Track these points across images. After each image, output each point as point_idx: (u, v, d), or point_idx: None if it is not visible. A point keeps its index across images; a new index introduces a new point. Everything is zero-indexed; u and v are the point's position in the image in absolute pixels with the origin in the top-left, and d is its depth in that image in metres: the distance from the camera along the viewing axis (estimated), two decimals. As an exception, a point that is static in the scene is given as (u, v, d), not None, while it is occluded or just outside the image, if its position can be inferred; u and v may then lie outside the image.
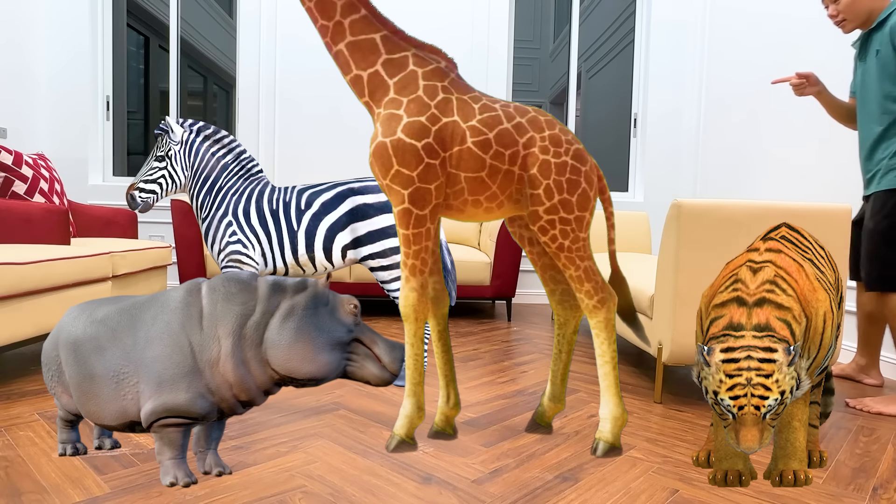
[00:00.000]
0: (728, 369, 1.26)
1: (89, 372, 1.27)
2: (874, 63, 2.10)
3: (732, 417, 1.25)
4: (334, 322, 1.28)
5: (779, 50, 3.45)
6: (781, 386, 1.23)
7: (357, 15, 1.46)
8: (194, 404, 1.21)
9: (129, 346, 1.25)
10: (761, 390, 1.23)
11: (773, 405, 1.23)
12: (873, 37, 2.12)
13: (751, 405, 1.23)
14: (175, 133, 2.27)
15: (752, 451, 1.24)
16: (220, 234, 2.19)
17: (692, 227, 1.92)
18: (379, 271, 2.16)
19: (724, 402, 1.25)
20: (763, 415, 1.23)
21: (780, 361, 1.24)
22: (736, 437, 1.25)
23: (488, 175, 1.49)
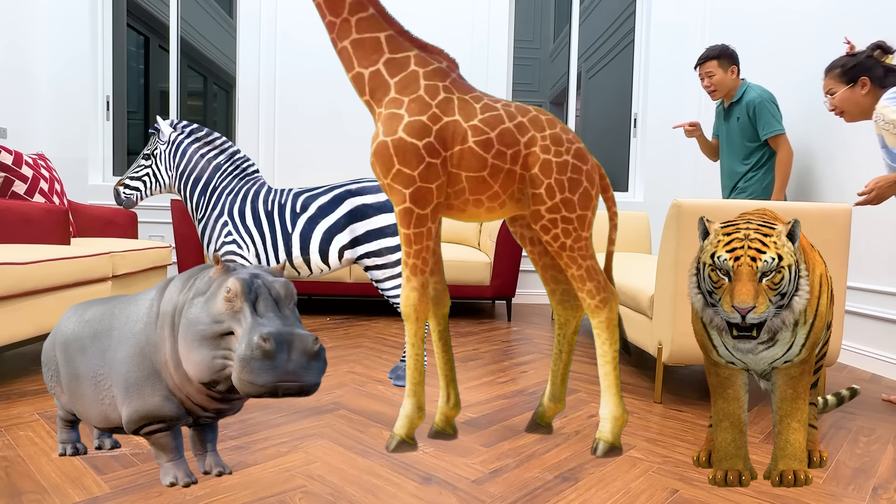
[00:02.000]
0: (727, 230, 1.30)
1: (75, 372, 1.27)
2: (736, 125, 3.00)
3: (728, 279, 1.26)
4: (202, 313, 1.11)
5: (778, 50, 3.45)
6: (779, 249, 1.25)
7: (365, 13, 1.46)
8: (163, 408, 1.18)
9: (106, 347, 1.23)
10: (758, 244, 1.25)
11: (769, 262, 1.23)
12: (734, 107, 3.01)
13: (747, 257, 1.24)
14: (164, 133, 2.28)
15: (745, 306, 1.22)
16: (215, 234, 2.19)
17: (692, 227, 1.91)
18: (374, 270, 2.16)
19: (721, 259, 1.26)
20: (759, 274, 1.24)
21: (780, 230, 1.27)
22: (731, 295, 1.24)
23: (490, 174, 1.49)
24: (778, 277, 1.25)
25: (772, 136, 2.90)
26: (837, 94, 2.19)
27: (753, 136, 2.96)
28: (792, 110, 3.28)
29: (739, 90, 2.98)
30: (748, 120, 2.94)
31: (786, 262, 1.25)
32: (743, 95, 2.96)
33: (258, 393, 1.03)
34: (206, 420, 1.27)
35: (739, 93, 2.98)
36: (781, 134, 2.89)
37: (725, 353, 1.39)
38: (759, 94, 2.93)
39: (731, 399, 1.42)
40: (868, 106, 2.15)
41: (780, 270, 1.24)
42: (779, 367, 1.39)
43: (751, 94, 2.94)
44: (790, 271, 1.26)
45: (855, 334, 2.76)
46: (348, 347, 2.83)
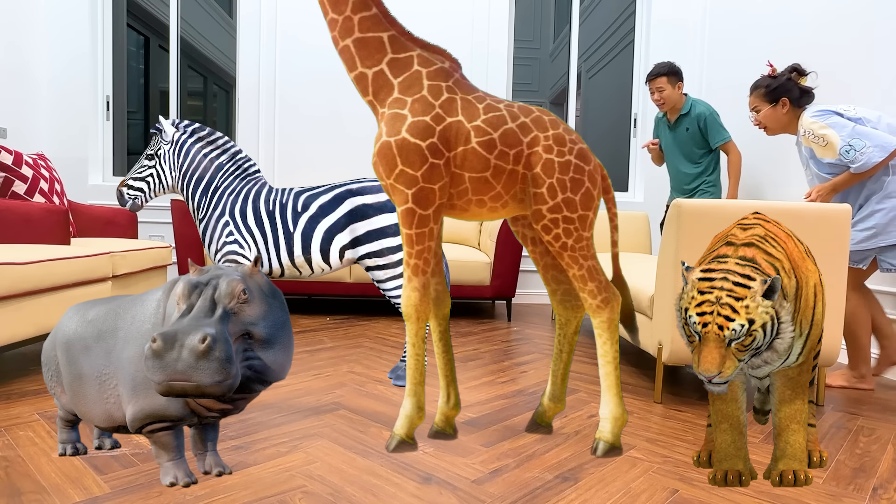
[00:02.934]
0: (701, 286, 1.26)
1: (78, 372, 1.27)
2: (686, 134, 3.39)
3: (698, 338, 1.24)
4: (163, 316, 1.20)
5: (778, 50, 3.45)
6: (751, 314, 1.21)
7: (368, 12, 1.46)
8: (168, 407, 1.19)
9: (111, 347, 1.24)
10: (728, 311, 1.21)
11: (737, 331, 1.21)
12: (683, 119, 3.38)
13: (715, 324, 1.22)
14: (166, 133, 2.27)
15: (709, 375, 1.21)
16: (217, 234, 2.19)
17: (692, 227, 1.92)
18: (375, 270, 2.16)
19: (692, 319, 1.24)
20: (727, 340, 1.22)
21: (755, 290, 1.23)
22: (697, 359, 1.23)
23: (493, 175, 1.49)
24: (748, 340, 1.22)
25: (723, 143, 3.32)
26: (762, 111, 2.49)
27: (703, 143, 3.36)
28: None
29: (686, 104, 3.36)
30: (698, 130, 3.34)
31: (758, 324, 1.22)
32: (691, 109, 3.34)
33: (159, 391, 1.05)
34: (210, 420, 1.27)
35: (687, 106, 3.36)
36: (730, 140, 3.32)
37: None
38: (706, 108, 3.35)
39: (730, 400, 1.42)
40: (787, 122, 2.44)
41: (752, 334, 1.22)
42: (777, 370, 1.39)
43: (699, 107, 3.34)
44: (765, 329, 1.23)
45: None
46: (348, 347, 2.83)
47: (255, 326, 1.15)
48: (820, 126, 2.25)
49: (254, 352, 1.15)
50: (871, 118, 2.26)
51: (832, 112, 2.27)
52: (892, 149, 2.14)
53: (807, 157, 2.39)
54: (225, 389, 1.06)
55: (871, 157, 2.14)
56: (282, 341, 1.20)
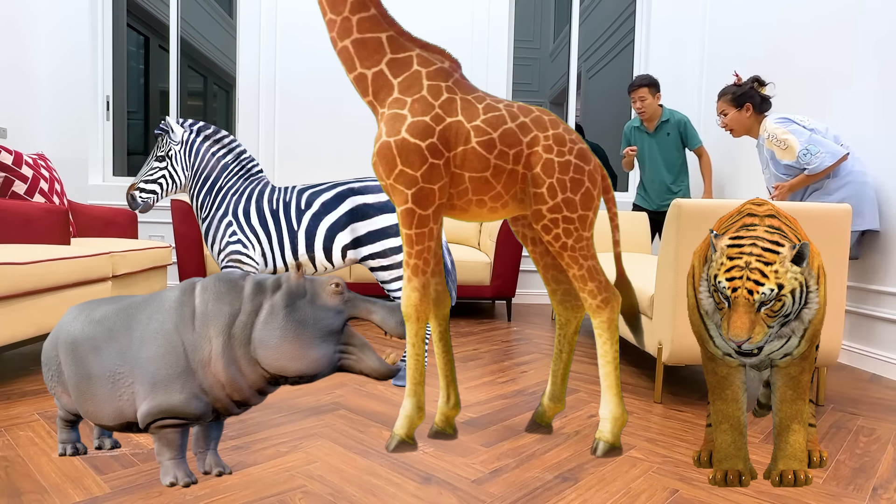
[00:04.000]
0: (731, 252, 1.27)
1: (86, 372, 1.27)
2: (667, 139, 3.74)
3: (727, 304, 1.25)
4: (317, 311, 1.23)
5: (778, 50, 3.45)
6: (780, 279, 1.22)
7: (366, 13, 1.46)
8: (189, 405, 1.21)
9: (125, 347, 1.25)
10: (758, 275, 1.22)
11: (767, 295, 1.22)
12: (664, 126, 3.74)
13: (744, 288, 1.22)
14: (175, 133, 2.26)
15: (739, 339, 1.21)
16: (220, 234, 2.19)
17: (692, 227, 1.92)
18: (379, 271, 2.16)
19: (721, 285, 1.25)
20: (757, 304, 1.22)
21: (784, 255, 1.24)
22: (727, 325, 1.23)
23: (492, 175, 1.49)
24: (777, 306, 1.23)
25: (698, 147, 3.76)
26: (729, 115, 2.76)
27: (681, 148, 3.77)
28: (791, 112, 3.29)
29: (666, 112, 3.75)
30: (678, 135, 3.74)
31: (788, 290, 1.23)
32: (671, 116, 3.74)
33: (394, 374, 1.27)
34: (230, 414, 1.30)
35: (667, 114, 3.74)
36: (702, 145, 3.78)
37: (722, 345, 1.39)
38: (683, 115, 3.80)
39: (730, 400, 1.42)
40: (750, 126, 2.74)
41: (781, 298, 1.23)
42: (778, 364, 1.39)
43: (678, 115, 3.76)
44: (794, 295, 1.24)
45: (855, 334, 2.76)
46: (348, 347, 2.82)
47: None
48: (783, 132, 2.54)
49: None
50: (820, 129, 2.58)
51: (791, 120, 2.58)
52: (839, 156, 2.49)
53: (767, 158, 2.69)
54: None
55: (823, 161, 2.47)
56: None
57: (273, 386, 1.27)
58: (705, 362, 1.46)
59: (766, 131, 2.62)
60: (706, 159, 3.77)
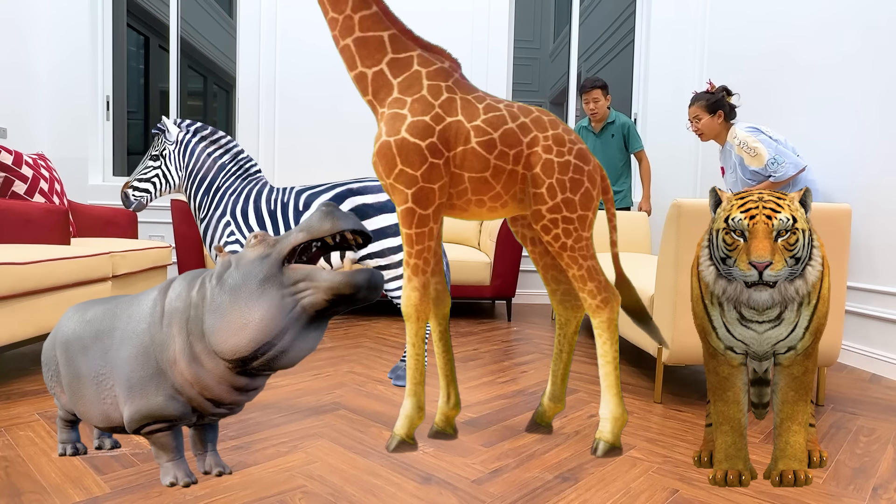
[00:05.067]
0: (740, 195, 1.31)
1: (76, 372, 1.27)
2: (612, 140, 3.89)
3: (743, 239, 1.26)
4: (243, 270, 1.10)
5: (778, 50, 3.45)
6: (794, 211, 1.26)
7: (368, 11, 1.46)
8: (167, 407, 1.18)
9: (108, 347, 1.24)
10: (773, 205, 1.26)
11: (784, 221, 1.24)
12: (609, 127, 3.89)
13: (762, 215, 1.25)
14: (171, 133, 2.26)
15: (762, 260, 1.22)
16: (218, 234, 2.19)
17: (692, 227, 1.92)
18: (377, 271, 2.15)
19: (736, 219, 1.27)
20: (775, 232, 1.24)
21: (792, 196, 1.29)
22: (748, 252, 1.24)
23: (492, 175, 1.49)
24: (793, 238, 1.25)
25: (639, 151, 3.90)
26: (703, 120, 2.95)
27: (624, 150, 3.92)
28: (792, 111, 3.29)
29: (612, 114, 3.90)
30: (622, 137, 3.89)
31: (800, 225, 1.26)
32: (616, 118, 3.89)
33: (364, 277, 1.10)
34: (212, 419, 1.27)
35: (612, 116, 3.89)
36: (643, 149, 3.94)
37: (726, 336, 1.38)
38: (628, 118, 3.92)
39: (731, 402, 1.42)
40: (719, 131, 2.95)
41: (795, 231, 1.25)
42: (782, 362, 1.39)
43: (622, 118, 3.90)
44: (804, 235, 1.27)
45: (855, 334, 2.76)
46: (348, 347, 2.83)
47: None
48: (753, 140, 2.75)
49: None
50: (782, 140, 2.80)
51: (760, 130, 2.80)
52: (801, 167, 2.73)
53: (736, 163, 2.88)
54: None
55: (787, 170, 2.70)
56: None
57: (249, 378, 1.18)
58: (707, 360, 1.46)
59: (736, 138, 2.82)
60: (646, 164, 3.91)
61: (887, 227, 2.62)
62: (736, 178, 2.91)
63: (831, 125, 3.00)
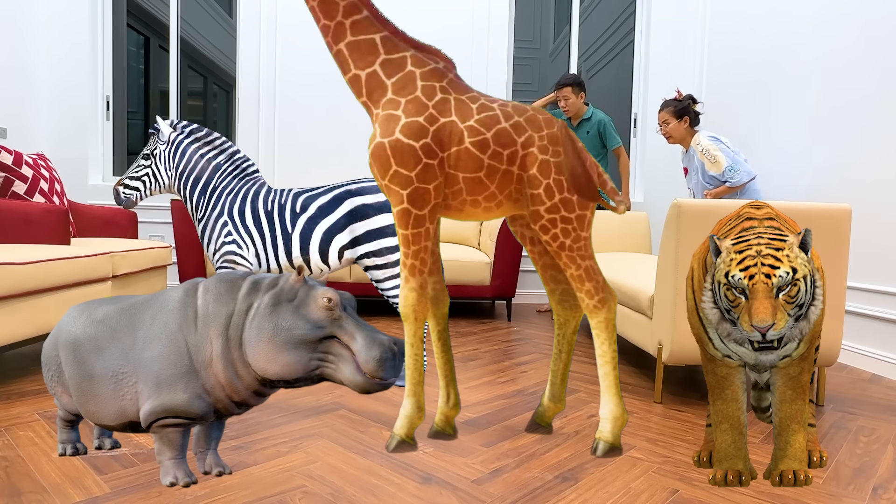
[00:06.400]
0: (738, 247, 1.28)
1: (88, 372, 1.27)
2: (587, 137, 3.90)
3: (744, 297, 1.25)
4: (298, 319, 1.21)
5: (778, 50, 3.45)
6: (793, 262, 1.24)
7: (359, 16, 1.46)
8: (192, 405, 1.21)
9: (129, 347, 1.25)
10: (771, 260, 1.24)
11: (783, 277, 1.23)
12: (585, 124, 3.93)
13: (761, 274, 1.23)
14: (163, 133, 2.28)
15: (764, 324, 1.21)
16: (215, 234, 2.19)
17: (692, 227, 1.92)
18: (373, 270, 2.15)
19: (736, 278, 1.26)
20: (775, 289, 1.23)
21: (792, 242, 1.26)
22: (749, 313, 1.23)
23: (486, 175, 1.49)
24: (794, 290, 1.24)
25: (616, 147, 3.89)
26: (671, 125, 3.20)
27: (600, 147, 3.91)
28: (792, 112, 3.29)
29: (588, 111, 3.93)
30: (597, 134, 3.90)
31: (801, 274, 1.24)
32: (593, 115, 3.92)
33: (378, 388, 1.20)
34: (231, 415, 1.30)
35: (589, 113, 3.93)
36: (622, 145, 3.92)
37: (721, 347, 1.39)
38: (604, 116, 3.93)
39: (730, 400, 1.42)
40: (684, 136, 3.21)
41: (796, 283, 1.24)
42: (778, 364, 1.39)
43: (599, 115, 3.92)
44: (806, 282, 1.25)
45: (855, 334, 2.76)
46: (348, 347, 2.82)
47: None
48: (714, 148, 3.05)
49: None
50: (737, 150, 3.10)
51: (719, 140, 3.10)
52: (752, 175, 3.03)
53: (698, 167, 3.15)
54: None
55: (742, 177, 3.00)
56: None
57: (269, 388, 1.26)
58: (705, 363, 1.46)
59: (699, 145, 3.10)
60: (624, 160, 3.94)
61: (887, 227, 2.62)
62: (697, 179, 3.18)
63: (831, 125, 3.00)
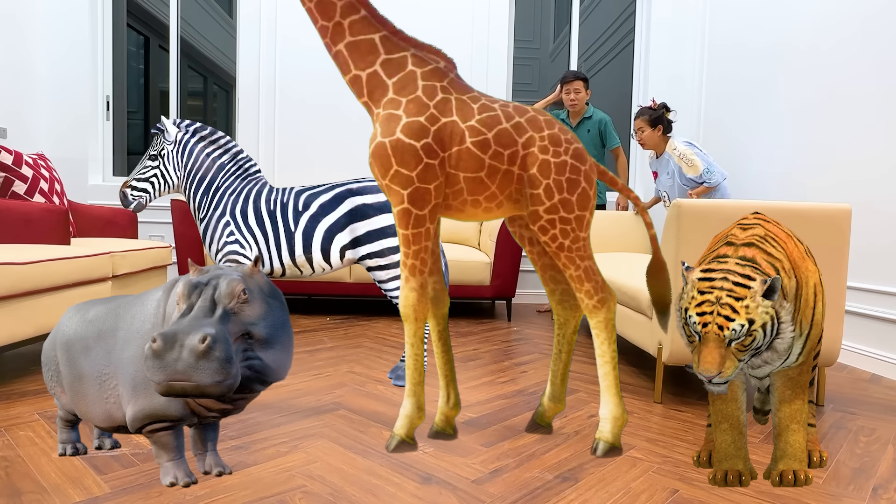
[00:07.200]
0: (701, 286, 1.26)
1: (78, 372, 1.27)
2: (587, 135, 3.91)
3: (698, 338, 1.24)
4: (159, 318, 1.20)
5: (778, 50, 3.45)
6: (751, 314, 1.21)
7: (357, 16, 1.46)
8: (169, 407, 1.18)
9: (111, 347, 1.23)
10: (728, 311, 1.22)
11: (737, 331, 1.21)
12: (586, 122, 3.94)
13: (715, 324, 1.22)
14: (169, 133, 2.26)
15: (709, 375, 1.21)
16: (217, 234, 2.19)
17: (692, 227, 1.92)
18: (376, 271, 2.16)
19: (692, 319, 1.25)
20: (727, 340, 1.22)
21: (755, 290, 1.23)
22: (697, 359, 1.23)
23: (487, 175, 1.49)
24: (748, 340, 1.23)
25: (615, 147, 3.92)
26: (646, 132, 3.39)
27: (599, 146, 3.93)
28: (793, 111, 3.29)
29: (589, 109, 3.95)
30: (598, 133, 3.93)
31: (758, 325, 1.22)
32: (594, 114, 3.94)
33: (159, 391, 1.05)
34: (211, 419, 1.27)
35: (590, 111, 3.95)
36: (620, 145, 3.96)
37: None
38: (605, 115, 3.95)
39: (730, 400, 1.42)
40: (658, 143, 3.41)
41: (752, 334, 1.22)
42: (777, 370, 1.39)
43: (600, 114, 3.95)
44: (765, 329, 1.23)
45: (855, 334, 2.76)
46: (348, 347, 2.83)
47: (255, 326, 1.15)
48: (691, 153, 3.28)
49: (254, 352, 1.15)
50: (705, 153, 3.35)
51: (694, 145, 3.35)
52: (725, 176, 3.30)
53: (675, 171, 3.36)
54: (225, 389, 1.06)
55: (717, 178, 3.25)
56: (282, 341, 1.20)
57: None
58: (705, 363, 1.46)
59: (676, 150, 3.33)
60: (622, 160, 3.97)
61: (887, 227, 2.62)
62: (673, 182, 3.39)
63: (831, 124, 3.00)
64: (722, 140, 4.08)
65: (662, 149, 3.42)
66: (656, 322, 2.08)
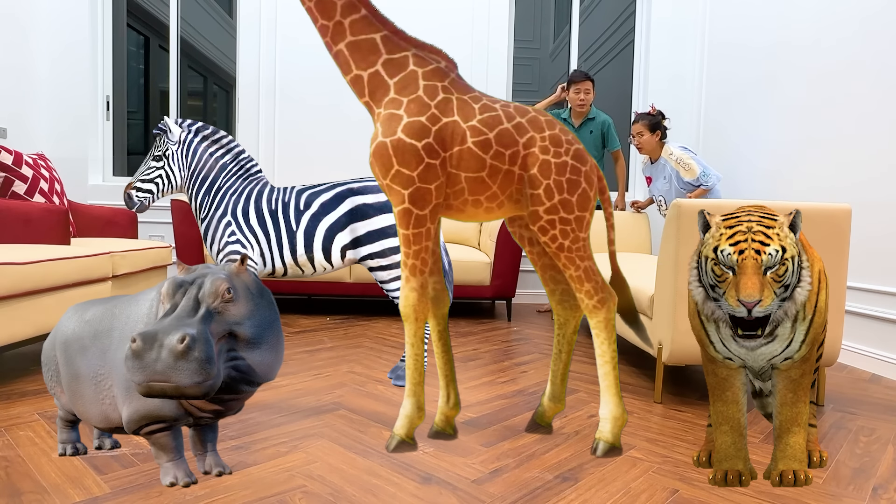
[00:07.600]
0: (728, 223, 1.30)
1: (76, 372, 1.27)
2: (590, 136, 3.92)
3: (732, 273, 1.25)
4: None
5: (778, 50, 3.45)
6: (783, 241, 1.25)
7: (357, 15, 1.46)
8: (163, 408, 1.17)
9: (106, 347, 1.23)
10: (762, 237, 1.25)
11: (773, 256, 1.23)
12: (589, 123, 3.95)
13: (751, 249, 1.24)
14: (173, 133, 2.26)
15: (752, 300, 1.21)
16: (219, 234, 2.19)
17: (692, 228, 1.91)
18: (378, 271, 2.16)
19: (725, 252, 1.26)
20: (764, 267, 1.23)
21: (782, 222, 1.27)
22: (736, 289, 1.23)
23: (488, 175, 1.49)
24: (782, 270, 1.25)
25: (616, 150, 3.97)
26: (645, 137, 3.51)
27: (600, 148, 3.96)
28: (793, 111, 3.29)
29: (593, 111, 3.98)
30: (600, 135, 3.95)
31: (789, 254, 1.25)
32: (596, 116, 3.96)
33: (140, 392, 1.03)
34: (206, 420, 1.27)
35: (592, 113, 3.97)
36: (620, 148, 4.01)
37: (723, 349, 1.39)
38: (608, 117, 3.98)
39: (731, 402, 1.42)
40: (655, 148, 3.52)
41: (785, 262, 1.25)
42: (779, 367, 1.39)
43: (602, 116, 3.97)
44: (793, 262, 1.26)
45: (855, 334, 2.76)
46: (348, 347, 2.83)
47: (240, 326, 1.13)
48: (688, 157, 3.41)
49: (238, 352, 1.14)
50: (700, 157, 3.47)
51: (689, 150, 3.49)
52: (720, 178, 3.43)
53: (672, 175, 3.46)
54: (205, 390, 1.04)
55: (713, 181, 3.38)
56: (269, 341, 1.18)
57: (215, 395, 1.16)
58: (706, 364, 1.46)
59: (673, 155, 3.44)
60: (622, 163, 4.03)
61: (887, 227, 2.62)
62: (670, 186, 3.48)
63: (831, 124, 3.00)
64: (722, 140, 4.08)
65: (658, 154, 3.52)
66: (656, 322, 2.08)
